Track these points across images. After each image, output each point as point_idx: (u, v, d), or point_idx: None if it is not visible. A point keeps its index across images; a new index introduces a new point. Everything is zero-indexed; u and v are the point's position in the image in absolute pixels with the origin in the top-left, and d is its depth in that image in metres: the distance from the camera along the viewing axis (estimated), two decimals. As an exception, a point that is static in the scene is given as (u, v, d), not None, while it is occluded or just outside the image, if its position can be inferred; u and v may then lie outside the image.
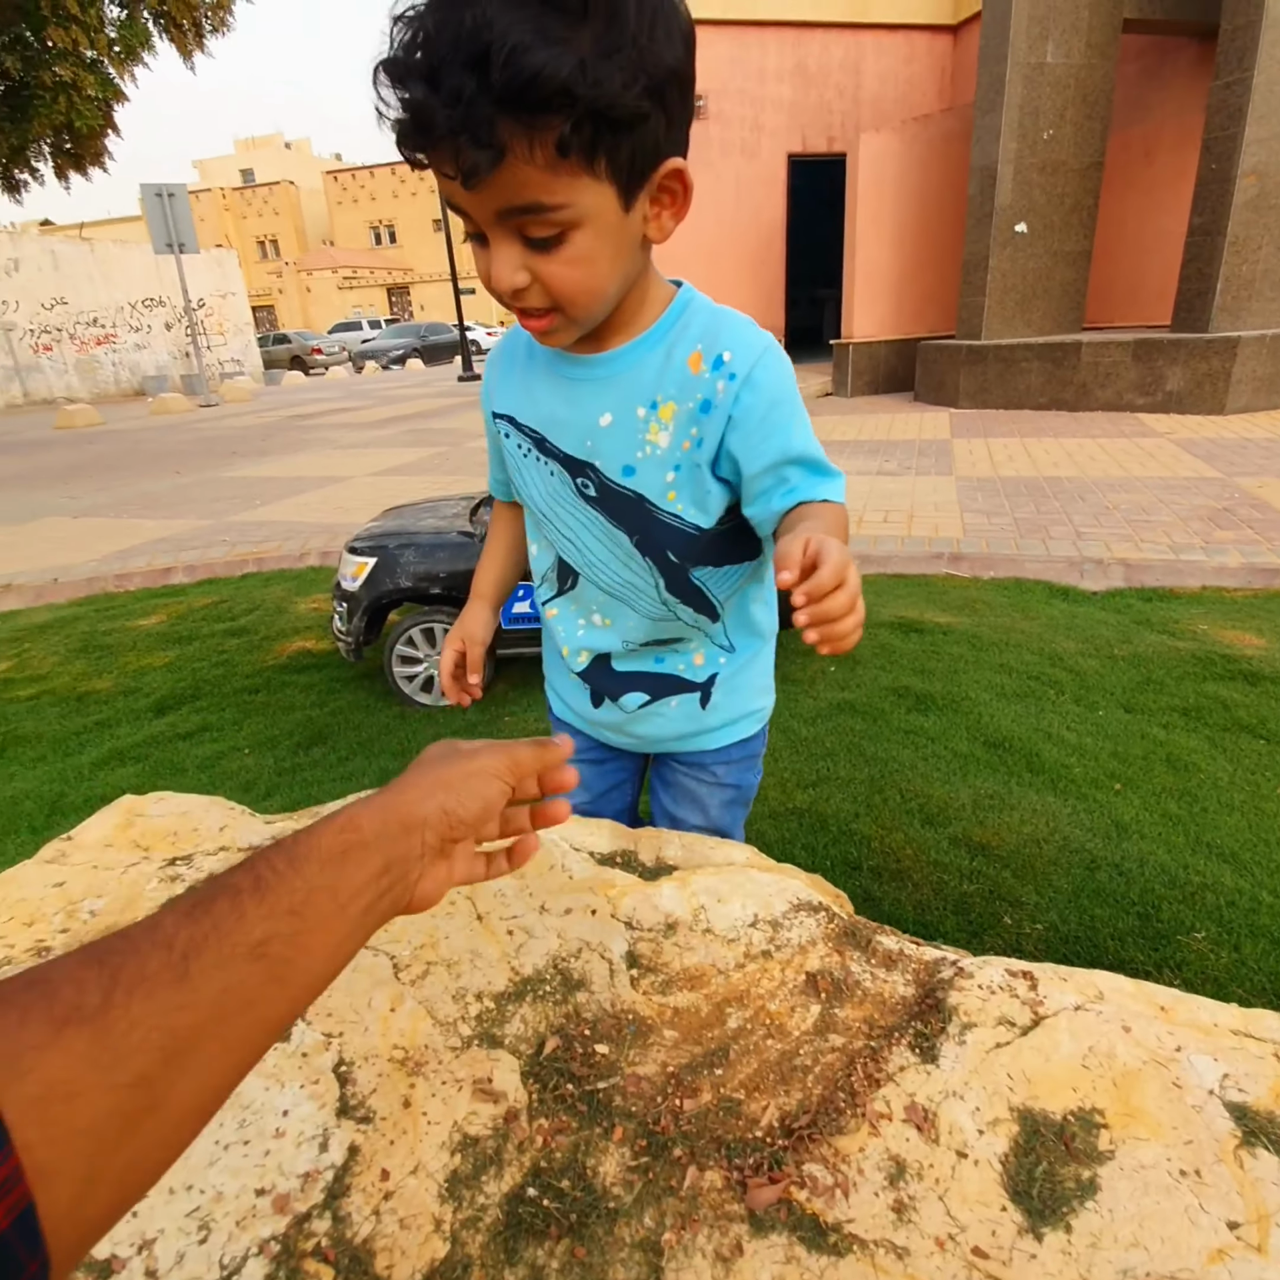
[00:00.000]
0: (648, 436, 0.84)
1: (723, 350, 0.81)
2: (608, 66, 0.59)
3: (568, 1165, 0.62)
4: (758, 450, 0.81)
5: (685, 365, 0.82)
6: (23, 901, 0.87)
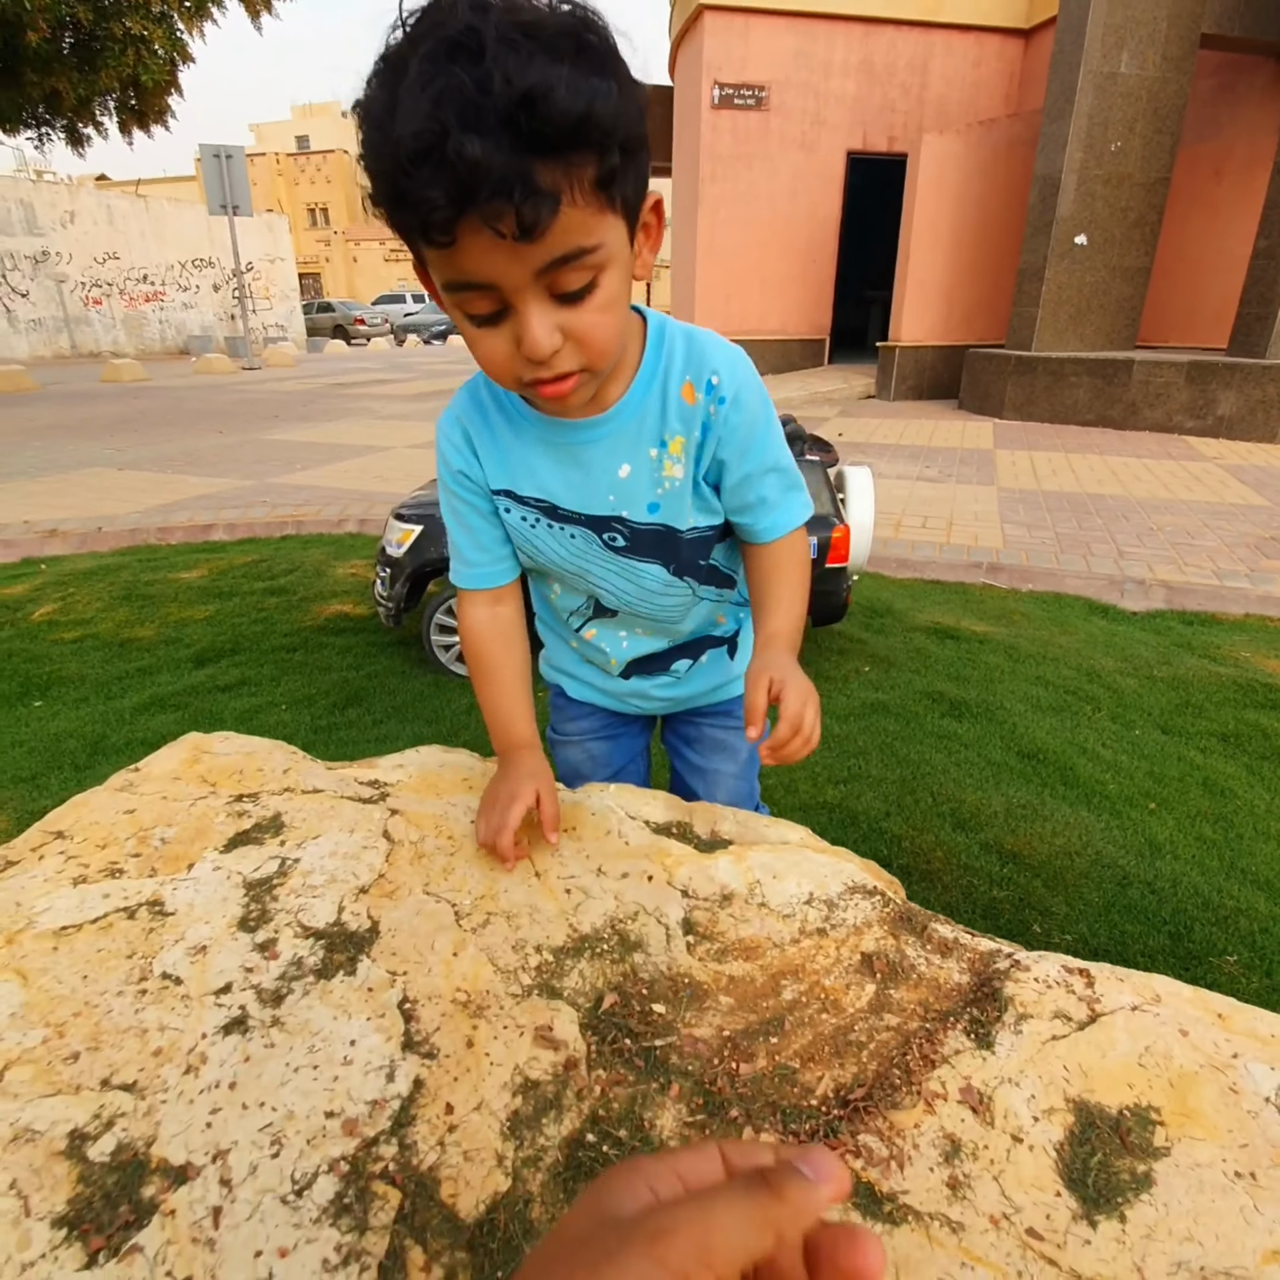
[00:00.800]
0: (665, 473, 0.89)
1: (709, 375, 0.84)
2: (624, 96, 0.60)
3: (625, 1115, 0.63)
4: (742, 461, 0.89)
5: (681, 398, 0.84)
6: (95, 825, 0.90)
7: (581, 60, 0.57)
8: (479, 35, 0.54)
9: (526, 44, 0.55)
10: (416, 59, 0.55)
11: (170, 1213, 0.56)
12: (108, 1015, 0.68)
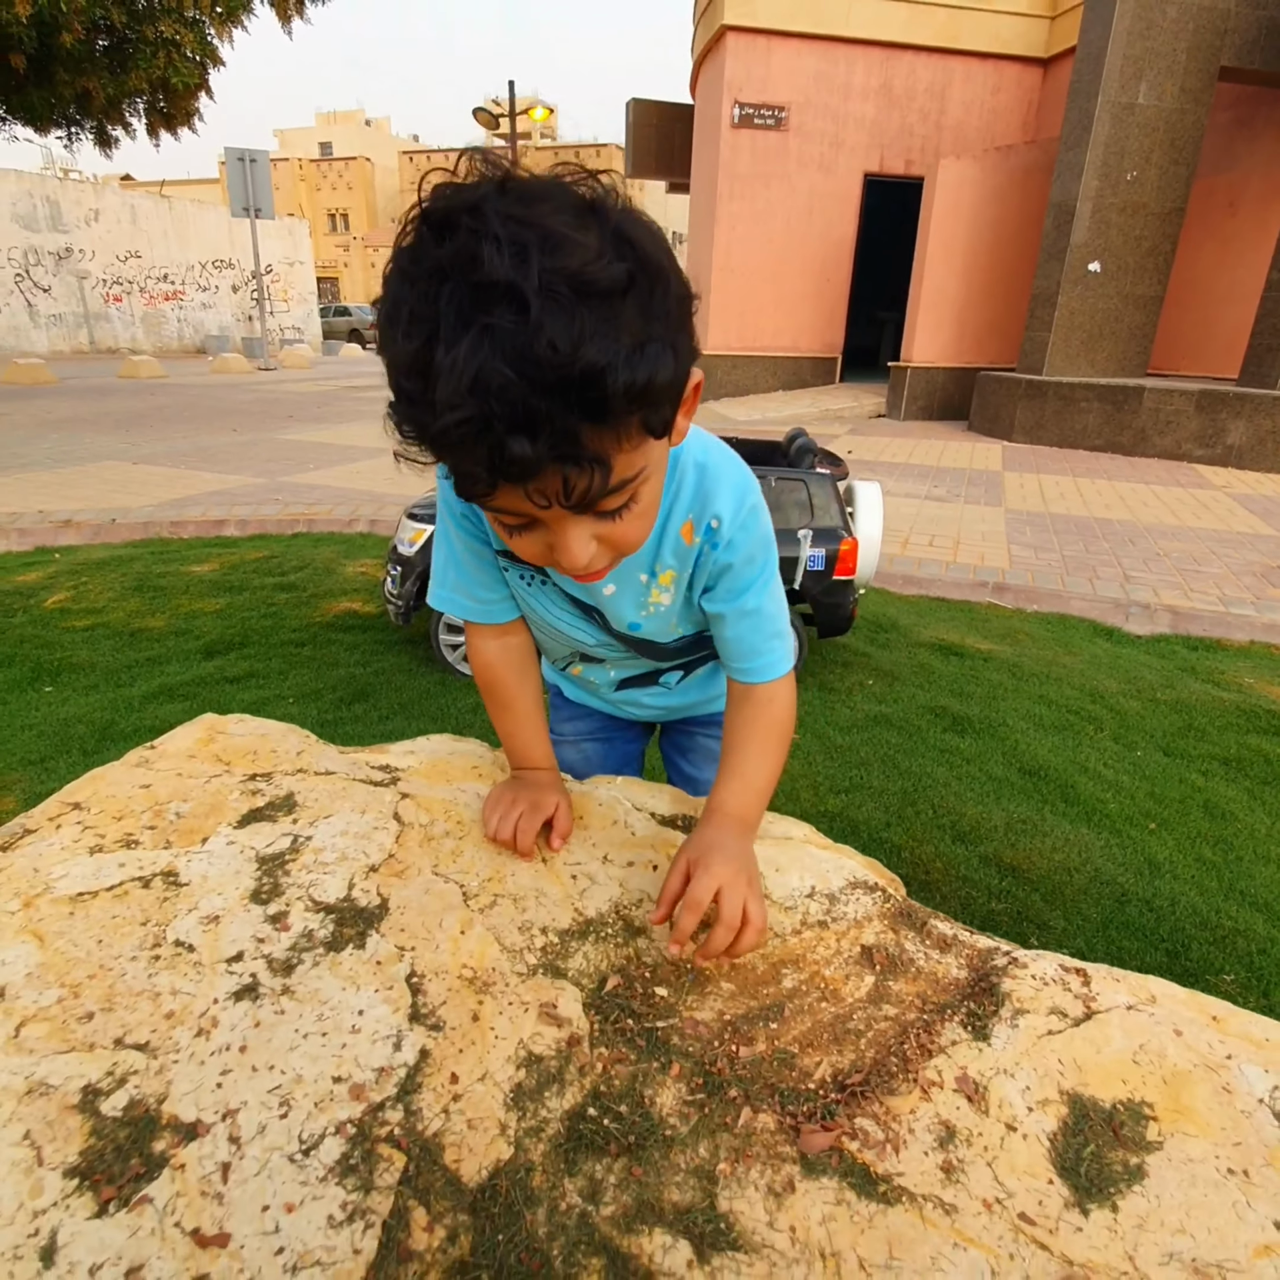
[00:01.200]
0: (650, 599, 0.88)
1: (711, 518, 0.81)
2: (669, 342, 0.55)
3: (626, 1092, 0.64)
4: (725, 598, 0.86)
5: (679, 536, 0.82)
6: (112, 798, 0.91)
7: (638, 322, 0.51)
8: (520, 293, 0.47)
9: (577, 307, 0.48)
10: (448, 312, 0.48)
11: (180, 1167, 0.57)
12: (121, 978, 0.70)
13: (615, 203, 0.54)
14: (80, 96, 9.34)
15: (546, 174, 0.55)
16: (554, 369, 0.48)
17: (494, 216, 0.48)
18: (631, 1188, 0.58)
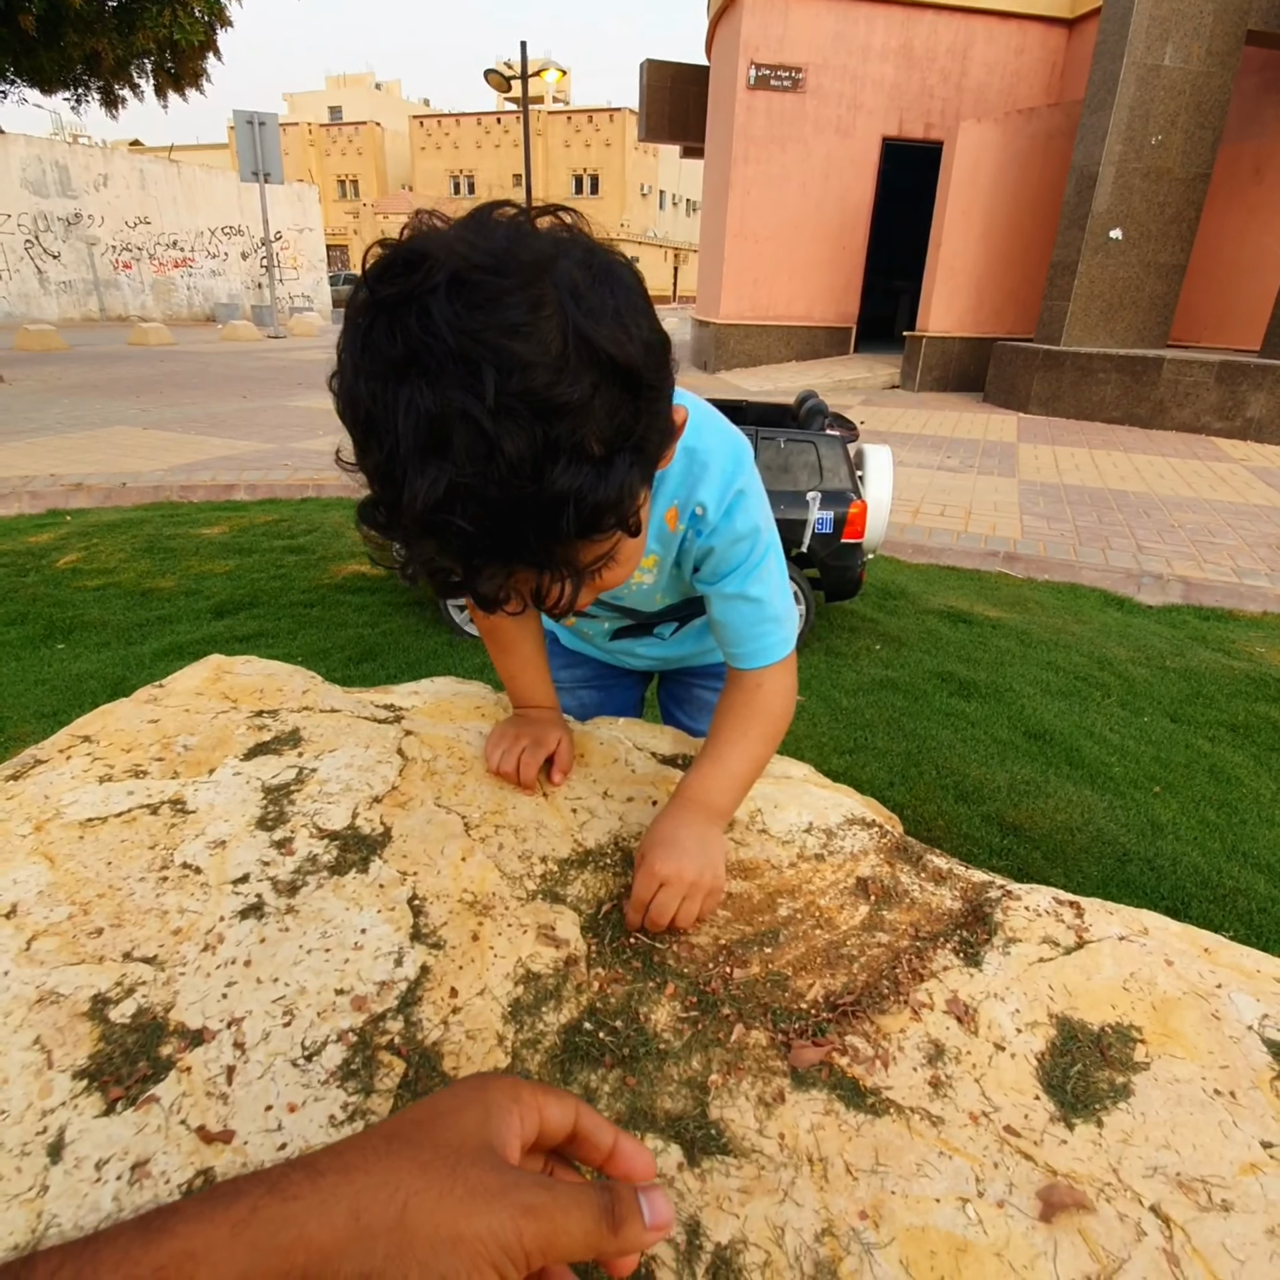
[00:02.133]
0: (633, 580, 0.88)
1: (696, 505, 0.79)
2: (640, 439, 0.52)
3: (622, 1009, 0.66)
4: (707, 577, 0.84)
5: (663, 521, 0.80)
6: (121, 732, 0.93)
7: (606, 429, 0.48)
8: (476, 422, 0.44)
9: (537, 429, 0.45)
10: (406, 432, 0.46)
11: (186, 1069, 0.59)
12: (130, 897, 0.71)
13: (584, 262, 0.50)
14: (89, 58, 9.23)
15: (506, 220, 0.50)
16: (515, 502, 0.46)
17: (444, 325, 0.45)
18: (625, 1096, 0.60)
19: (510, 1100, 0.35)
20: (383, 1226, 0.29)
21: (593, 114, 49.65)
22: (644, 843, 0.77)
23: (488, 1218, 0.30)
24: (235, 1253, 0.27)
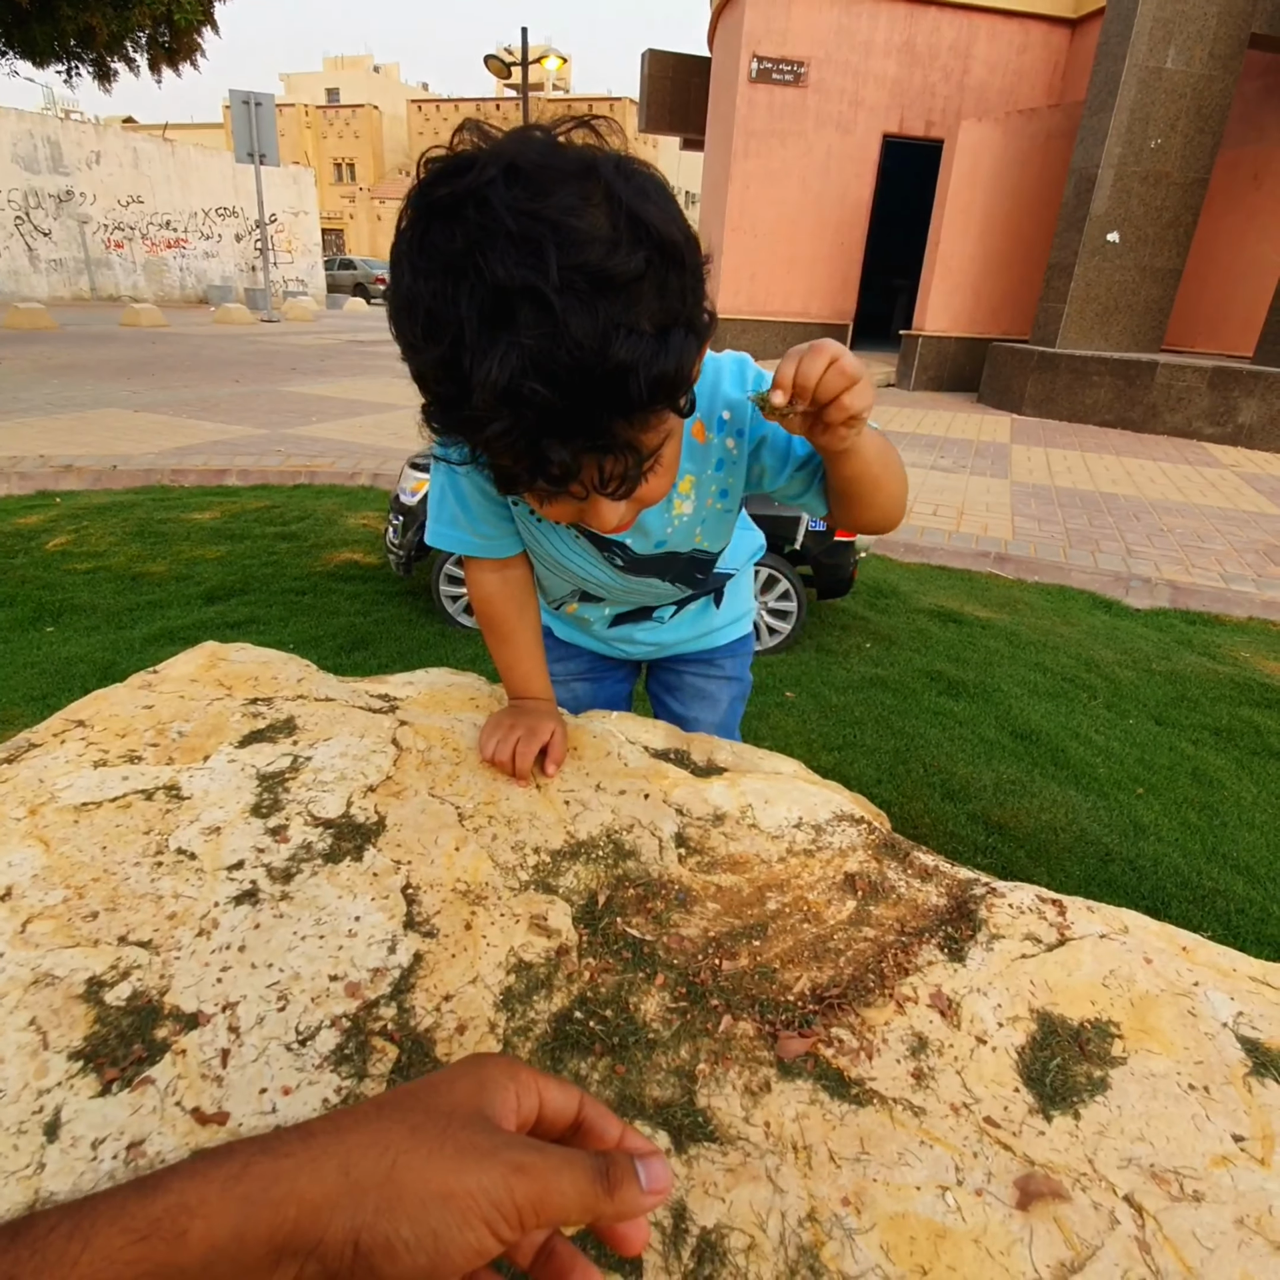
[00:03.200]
0: (674, 512, 0.87)
1: (720, 411, 0.80)
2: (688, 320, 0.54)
3: (612, 998, 0.67)
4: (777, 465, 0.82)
5: (691, 438, 0.81)
6: (115, 717, 0.93)
7: (658, 307, 0.51)
8: (542, 296, 0.47)
9: (598, 302, 0.48)
10: (470, 316, 0.48)
11: (181, 1052, 0.59)
12: (125, 882, 0.72)
13: (619, 167, 0.52)
14: (83, 32, 9.11)
15: (542, 133, 0.52)
16: (583, 372, 0.48)
17: (503, 210, 0.47)
18: (614, 1084, 0.61)
19: (507, 1078, 0.35)
20: (372, 1181, 0.30)
21: (593, 102, 49.39)
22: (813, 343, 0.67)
23: (478, 1174, 0.30)
24: (228, 1205, 0.27)
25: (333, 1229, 0.28)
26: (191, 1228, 0.27)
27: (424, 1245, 0.29)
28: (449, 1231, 0.30)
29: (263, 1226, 0.28)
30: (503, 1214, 0.30)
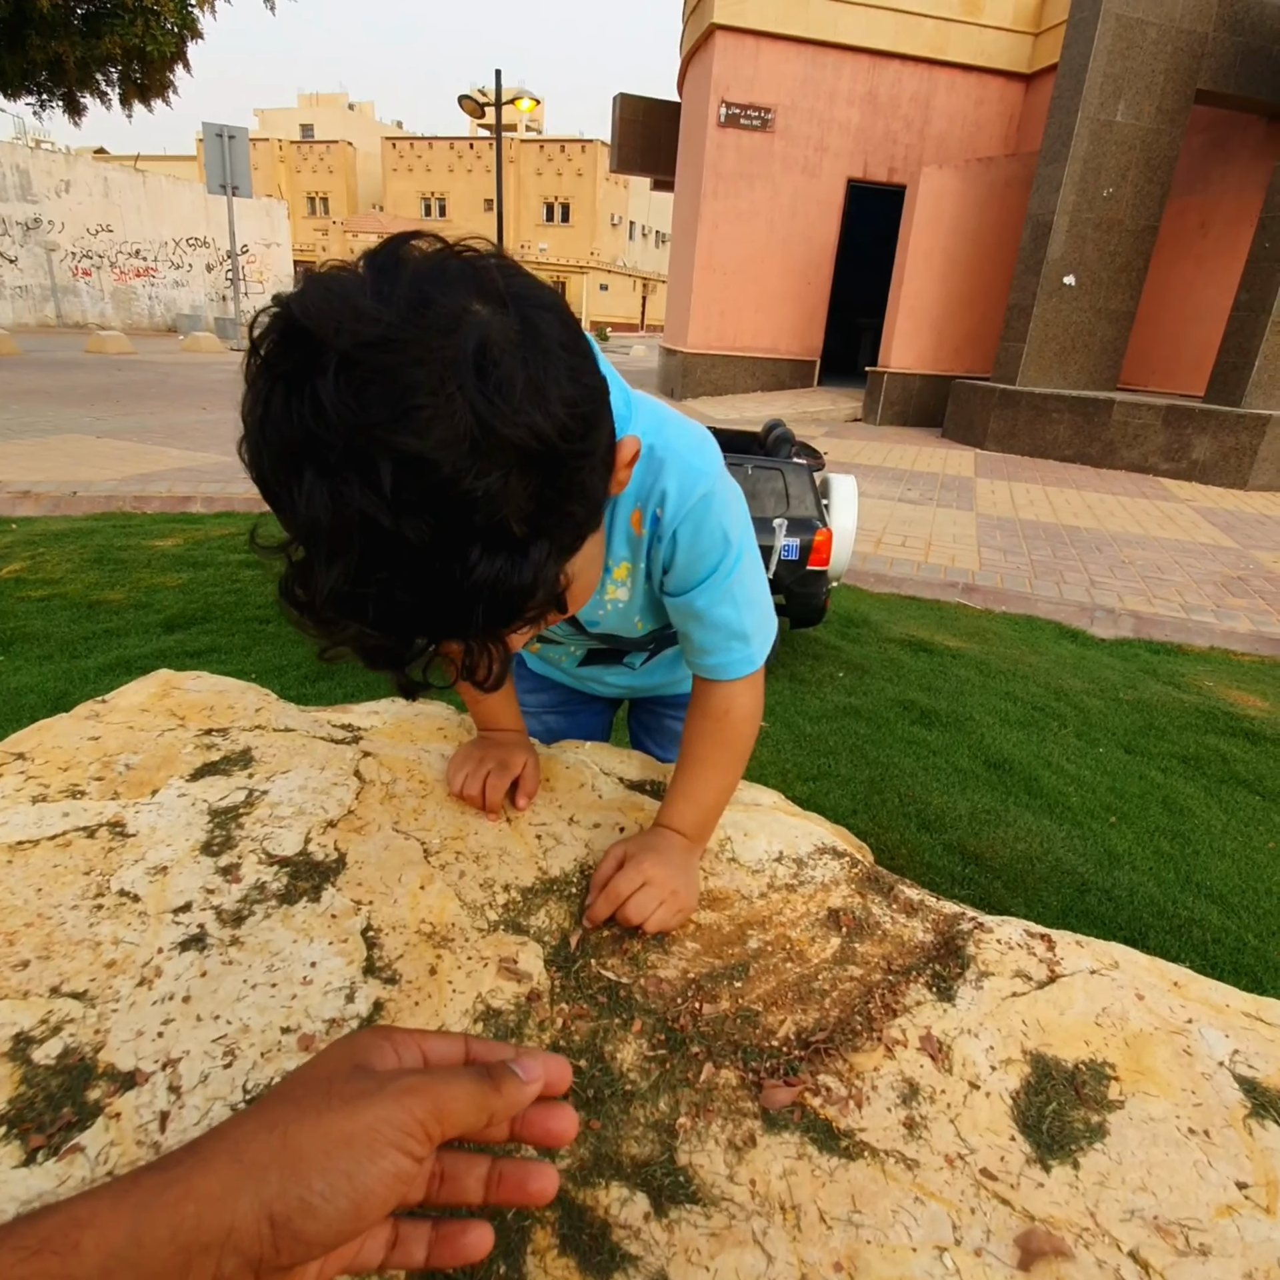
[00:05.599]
0: (607, 597, 0.82)
1: (656, 507, 0.72)
2: (566, 510, 0.48)
3: (586, 1048, 0.63)
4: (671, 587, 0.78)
5: (629, 525, 0.75)
6: (58, 749, 0.88)
7: (521, 525, 0.44)
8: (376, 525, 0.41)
9: (443, 523, 0.41)
10: (316, 532, 0.42)
11: (115, 1115, 0.54)
12: (60, 927, 0.67)
13: (481, 350, 0.42)
14: (52, 62, 9.09)
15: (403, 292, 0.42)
16: (429, 594, 0.43)
17: (334, 417, 0.40)
18: (589, 1141, 0.57)
19: (380, 1038, 0.36)
20: (268, 1157, 0.29)
21: (565, 144, 50.32)
22: (629, 845, 0.76)
23: (371, 1110, 0.31)
24: (120, 1215, 0.27)
25: (240, 1213, 0.28)
26: (84, 1239, 0.26)
27: (340, 1189, 0.29)
28: (361, 1167, 0.30)
29: (161, 1228, 0.27)
30: (408, 1132, 0.31)
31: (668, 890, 0.72)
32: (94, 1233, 0.26)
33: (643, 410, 0.71)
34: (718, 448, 0.76)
